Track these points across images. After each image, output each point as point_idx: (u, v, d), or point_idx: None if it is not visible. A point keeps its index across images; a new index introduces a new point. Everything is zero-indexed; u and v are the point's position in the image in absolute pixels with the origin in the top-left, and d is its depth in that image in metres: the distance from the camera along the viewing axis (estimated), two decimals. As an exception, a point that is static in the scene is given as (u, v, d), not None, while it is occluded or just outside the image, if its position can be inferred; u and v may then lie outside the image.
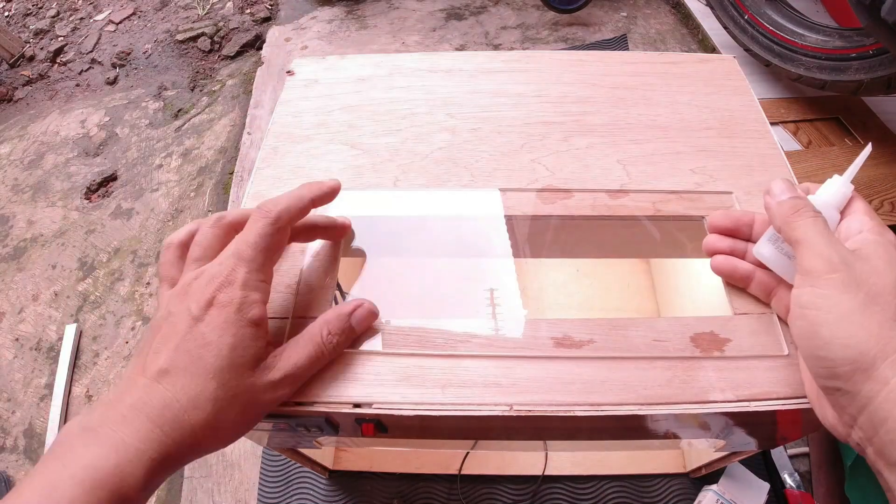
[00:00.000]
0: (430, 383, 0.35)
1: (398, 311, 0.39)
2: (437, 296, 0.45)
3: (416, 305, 0.43)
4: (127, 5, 1.86)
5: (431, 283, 0.46)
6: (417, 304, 0.43)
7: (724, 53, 0.57)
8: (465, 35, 1.52)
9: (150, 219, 1.23)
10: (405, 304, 0.42)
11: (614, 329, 0.37)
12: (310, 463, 0.68)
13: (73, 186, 1.33)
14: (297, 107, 0.53)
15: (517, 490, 0.76)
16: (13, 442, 0.96)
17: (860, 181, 0.99)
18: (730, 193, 0.45)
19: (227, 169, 1.29)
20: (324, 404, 0.35)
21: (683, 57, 0.56)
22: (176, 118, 1.46)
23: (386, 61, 0.57)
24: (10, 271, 1.18)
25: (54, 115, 1.53)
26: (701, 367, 0.36)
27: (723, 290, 0.39)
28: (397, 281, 0.44)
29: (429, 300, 0.45)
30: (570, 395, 0.35)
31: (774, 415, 0.35)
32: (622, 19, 1.52)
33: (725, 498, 0.67)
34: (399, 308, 0.40)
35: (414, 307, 0.43)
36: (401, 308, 0.40)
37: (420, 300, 0.44)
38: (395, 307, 0.39)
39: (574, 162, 0.47)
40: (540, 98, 0.53)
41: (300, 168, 0.48)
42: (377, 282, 0.43)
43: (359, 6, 1.65)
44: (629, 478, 0.76)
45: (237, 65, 1.59)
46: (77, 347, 1.05)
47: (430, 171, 0.47)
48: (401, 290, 0.43)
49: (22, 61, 1.74)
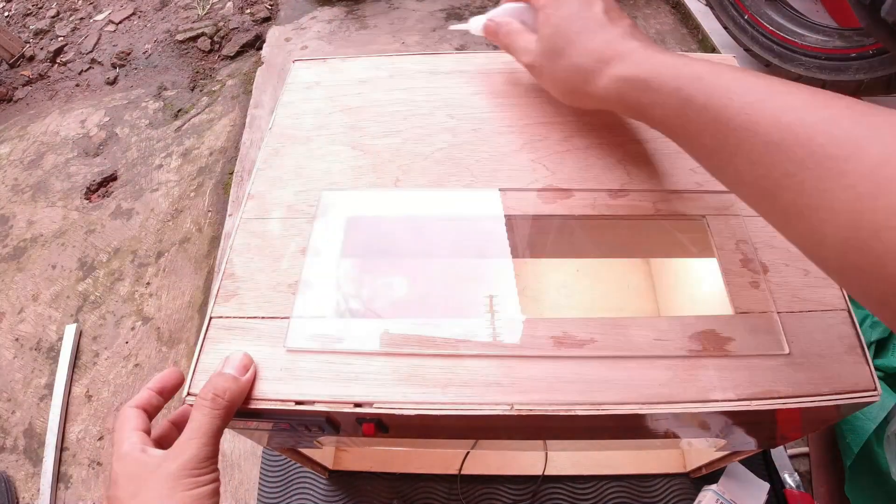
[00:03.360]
0: (431, 383, 0.35)
1: (399, 310, 0.39)
2: (438, 296, 0.45)
3: (416, 305, 0.43)
4: (127, 5, 1.87)
5: (432, 283, 0.46)
6: (418, 304, 0.43)
7: (724, 53, 0.57)
8: (466, 35, 1.52)
9: (150, 219, 1.23)
10: (406, 304, 0.42)
11: (615, 328, 0.37)
12: (310, 463, 0.68)
13: (73, 186, 1.33)
14: (298, 108, 0.53)
15: (517, 490, 0.76)
16: (13, 442, 0.96)
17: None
18: (730, 193, 0.45)
19: (227, 169, 1.30)
20: (325, 404, 0.35)
21: (683, 57, 0.56)
22: (176, 118, 1.46)
23: (387, 63, 0.57)
24: (10, 271, 1.18)
25: (54, 116, 1.53)
26: (702, 366, 0.36)
27: (723, 289, 0.39)
28: (398, 281, 0.44)
29: (429, 300, 0.45)
30: (571, 394, 0.35)
31: (775, 414, 0.35)
32: (622, 19, 1.52)
33: (725, 498, 0.67)
34: (400, 308, 0.40)
35: (415, 307, 0.43)
36: (401, 308, 0.40)
37: (421, 300, 0.44)
38: (396, 307, 0.40)
39: (574, 162, 0.47)
40: (540, 98, 0.53)
41: (301, 169, 0.48)
42: (378, 281, 0.43)
43: (359, 6, 1.66)
44: (629, 478, 0.76)
45: (237, 65, 1.59)
46: (77, 347, 1.05)
47: (431, 172, 0.47)
48: (402, 290, 0.44)
49: (22, 61, 1.74)
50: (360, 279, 0.44)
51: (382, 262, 0.44)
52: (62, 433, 0.95)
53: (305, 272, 0.41)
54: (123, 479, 0.33)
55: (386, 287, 0.43)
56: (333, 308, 0.40)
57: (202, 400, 0.34)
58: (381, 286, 0.43)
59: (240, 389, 0.35)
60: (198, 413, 0.34)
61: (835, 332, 0.37)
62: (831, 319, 0.38)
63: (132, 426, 0.36)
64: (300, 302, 0.39)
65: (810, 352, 0.36)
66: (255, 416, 0.37)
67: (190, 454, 0.33)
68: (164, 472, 0.32)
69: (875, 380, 0.35)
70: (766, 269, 0.40)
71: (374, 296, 0.38)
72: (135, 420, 0.36)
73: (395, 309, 0.39)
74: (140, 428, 0.36)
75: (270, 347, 0.38)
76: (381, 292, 0.44)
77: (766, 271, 0.40)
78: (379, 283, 0.43)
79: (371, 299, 0.38)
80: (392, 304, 0.39)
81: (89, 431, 0.95)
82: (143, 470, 0.33)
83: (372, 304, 0.44)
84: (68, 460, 0.92)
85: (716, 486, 0.68)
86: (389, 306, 0.38)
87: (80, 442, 0.94)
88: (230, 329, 0.39)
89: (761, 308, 0.38)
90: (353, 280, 0.43)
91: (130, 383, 0.99)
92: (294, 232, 0.44)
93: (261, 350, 0.38)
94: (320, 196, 0.46)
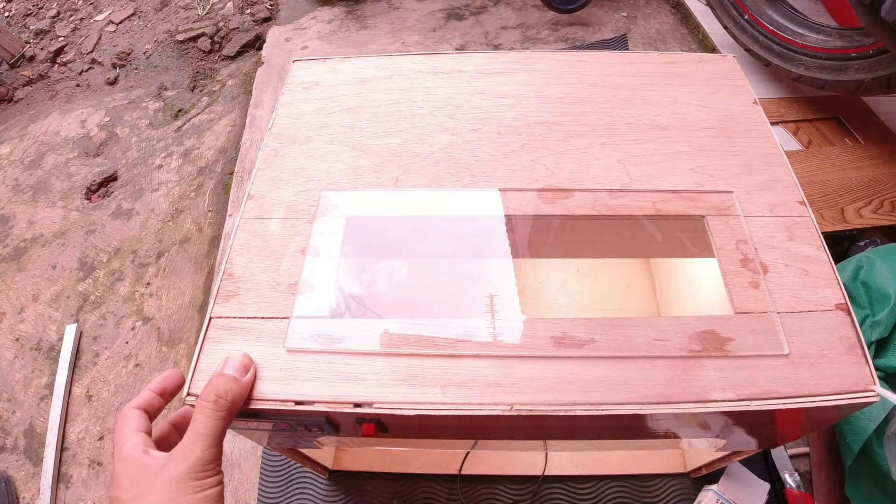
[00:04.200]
0: (431, 383, 0.35)
1: (399, 310, 0.39)
2: (438, 296, 0.45)
3: (416, 305, 0.43)
4: (127, 5, 1.87)
5: (432, 283, 0.46)
6: (418, 304, 0.43)
7: (724, 53, 0.57)
8: (465, 35, 1.52)
9: (150, 219, 1.23)
10: (406, 304, 0.42)
11: (615, 328, 0.37)
12: (310, 463, 0.68)
13: (73, 186, 1.33)
14: (298, 108, 0.53)
15: (517, 490, 0.76)
16: (13, 442, 0.96)
17: (859, 181, 0.99)
18: (730, 193, 0.45)
19: (227, 169, 1.30)
20: (324, 404, 0.35)
21: (683, 56, 0.57)
22: (176, 118, 1.46)
23: (386, 63, 0.57)
24: (11, 271, 1.18)
25: (54, 116, 1.53)
26: (701, 366, 0.36)
27: (723, 290, 0.39)
28: (398, 281, 0.44)
29: (429, 300, 0.45)
30: (571, 394, 0.35)
31: (774, 414, 0.35)
32: (622, 19, 1.52)
33: (725, 498, 0.67)
34: (399, 308, 0.40)
35: (414, 307, 0.43)
36: (401, 308, 0.40)
37: (420, 300, 0.44)
38: (396, 307, 0.40)
39: (574, 162, 0.47)
40: (540, 98, 0.53)
41: (301, 169, 0.48)
42: (378, 282, 0.43)
43: (359, 6, 1.65)
44: (629, 478, 0.76)
45: (237, 65, 1.59)
46: (77, 347, 1.05)
47: (431, 172, 0.47)
48: (401, 290, 0.44)
49: (22, 61, 1.74)
50: (360, 279, 0.44)
51: (382, 263, 0.44)
52: (62, 433, 0.95)
53: (305, 272, 0.41)
54: (126, 481, 0.33)
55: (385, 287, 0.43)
56: (333, 308, 0.40)
57: (204, 402, 0.34)
58: (381, 286, 0.43)
59: (241, 390, 0.35)
60: (200, 415, 0.34)
61: (835, 332, 0.37)
62: (831, 319, 0.38)
63: (133, 427, 0.36)
64: (300, 302, 0.39)
65: (810, 352, 0.36)
66: (255, 417, 0.37)
67: (195, 457, 0.33)
68: (168, 475, 0.32)
69: (875, 380, 0.35)
70: (766, 269, 0.40)
71: (373, 296, 0.38)
72: (136, 421, 0.36)
73: (395, 309, 0.39)
74: (141, 429, 0.36)
75: (270, 348, 0.38)
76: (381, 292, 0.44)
77: (766, 271, 0.40)
78: (378, 283, 0.43)
79: (370, 299, 0.38)
80: (392, 304, 0.39)
81: (89, 431, 0.95)
82: (146, 472, 0.33)
83: (371, 304, 0.44)
84: (68, 460, 0.92)
85: (716, 486, 0.68)
86: (389, 306, 0.38)
87: (81, 442, 0.94)
88: (230, 329, 0.39)
89: (761, 308, 0.38)
90: (352, 280, 0.43)
91: (131, 383, 0.99)
92: (294, 232, 0.44)
93: (261, 350, 0.38)
94: (320, 196, 0.46)
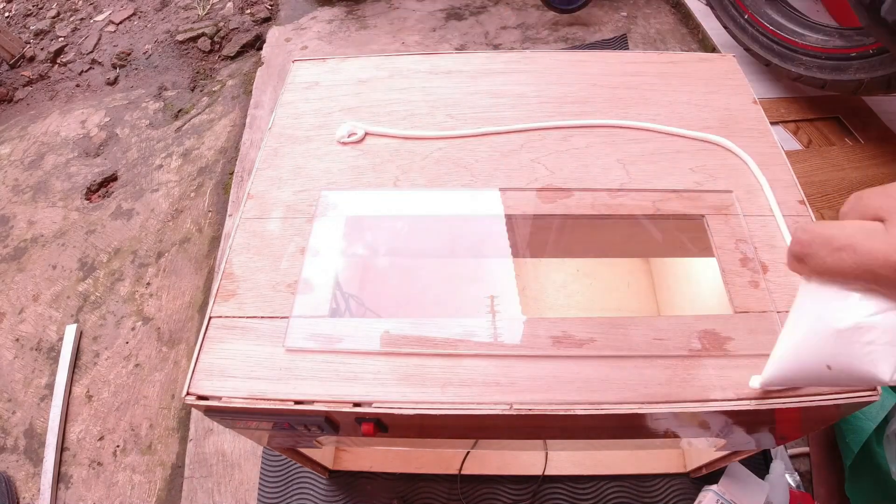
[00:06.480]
0: (430, 382, 0.35)
1: (398, 310, 0.39)
2: (438, 295, 0.45)
3: (416, 305, 0.43)
4: (127, 6, 1.87)
5: (432, 282, 0.46)
6: (418, 304, 0.43)
7: (724, 53, 0.57)
8: (465, 35, 1.52)
9: (150, 219, 1.23)
10: (405, 304, 0.42)
11: (614, 328, 0.37)
12: (310, 463, 0.68)
13: (73, 187, 1.33)
14: (298, 108, 0.54)
15: (517, 490, 0.76)
16: (13, 442, 0.96)
17: (859, 181, 0.99)
18: (730, 192, 0.45)
19: (227, 169, 1.30)
20: (324, 403, 0.35)
21: (683, 56, 0.57)
22: (176, 118, 1.46)
23: (386, 63, 0.57)
24: (11, 272, 1.19)
25: (55, 116, 1.53)
26: (701, 365, 0.36)
27: (723, 289, 0.39)
28: (398, 281, 0.44)
29: (429, 300, 0.45)
30: (571, 393, 0.35)
31: (774, 414, 0.35)
32: (622, 19, 1.52)
33: (725, 498, 0.67)
34: (399, 308, 0.40)
35: (414, 307, 0.43)
36: (401, 308, 0.40)
37: (420, 300, 0.44)
38: (396, 307, 0.40)
39: (574, 161, 0.47)
40: (540, 98, 0.53)
41: (301, 169, 0.48)
42: (377, 281, 0.43)
43: (359, 6, 1.66)
44: (629, 478, 0.76)
45: (237, 65, 1.59)
46: (77, 348, 1.05)
47: (430, 171, 0.47)
48: (401, 290, 0.44)
49: (22, 62, 1.74)
50: (360, 279, 0.44)
51: (382, 262, 0.44)
52: (62, 433, 0.95)
53: (305, 272, 0.41)
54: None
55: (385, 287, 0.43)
56: (333, 308, 0.40)
57: None
58: (381, 286, 0.43)
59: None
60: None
61: (834, 331, 0.37)
62: (831, 319, 0.38)
63: None
64: (299, 302, 0.39)
65: (810, 351, 0.36)
66: (255, 416, 0.37)
67: None
68: None
69: (875, 379, 0.35)
70: (766, 268, 0.40)
71: (373, 295, 0.38)
72: None
73: (395, 308, 0.39)
74: None
75: (270, 347, 0.38)
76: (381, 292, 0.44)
77: (766, 271, 0.40)
78: (378, 283, 0.43)
79: (370, 299, 0.38)
80: (392, 304, 0.39)
81: (90, 431, 0.95)
82: None
83: (371, 304, 0.44)
84: (68, 460, 0.92)
85: (716, 486, 0.68)
86: (389, 306, 0.38)
87: (81, 442, 0.94)
88: (230, 329, 0.39)
89: (761, 308, 0.38)
90: (352, 280, 0.43)
91: (130, 383, 0.99)
92: (293, 232, 0.44)
93: (260, 350, 0.38)
94: (320, 196, 0.46)
